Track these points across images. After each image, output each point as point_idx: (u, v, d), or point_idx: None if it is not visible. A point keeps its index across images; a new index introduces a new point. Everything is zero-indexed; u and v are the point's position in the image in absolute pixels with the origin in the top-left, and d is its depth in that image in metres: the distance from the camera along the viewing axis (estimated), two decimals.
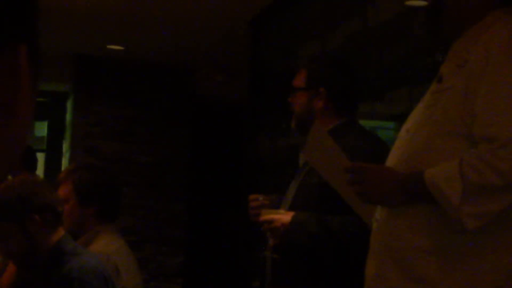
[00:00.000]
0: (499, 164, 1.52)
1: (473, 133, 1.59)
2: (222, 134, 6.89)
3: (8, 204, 2.25)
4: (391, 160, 1.80)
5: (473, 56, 1.65)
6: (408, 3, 3.40)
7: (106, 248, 2.63)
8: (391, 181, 1.69)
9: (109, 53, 5.75)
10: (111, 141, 5.95)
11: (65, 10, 4.62)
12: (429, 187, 1.59)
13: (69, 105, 6.32)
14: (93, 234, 2.69)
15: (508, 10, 1.74)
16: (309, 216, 2.34)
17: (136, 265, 2.80)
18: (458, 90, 1.64)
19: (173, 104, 6.11)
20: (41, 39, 0.60)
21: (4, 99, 0.55)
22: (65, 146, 6.33)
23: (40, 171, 6.20)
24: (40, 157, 6.40)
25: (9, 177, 2.38)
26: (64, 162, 6.24)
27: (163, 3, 4.52)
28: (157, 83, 6.08)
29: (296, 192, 2.46)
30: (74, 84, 6.02)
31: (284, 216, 2.38)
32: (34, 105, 0.58)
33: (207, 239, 6.72)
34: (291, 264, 2.42)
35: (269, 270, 2.48)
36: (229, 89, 6.34)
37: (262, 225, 2.43)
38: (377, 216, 1.76)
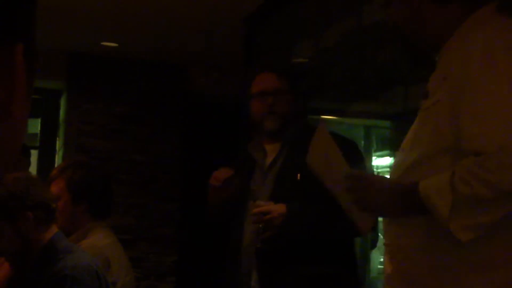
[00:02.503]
0: (487, 176, 1.50)
1: (461, 148, 1.58)
2: (217, 132, 6.87)
3: (1, 201, 2.24)
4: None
5: (453, 66, 1.63)
6: None
7: (98, 242, 2.64)
8: (388, 191, 1.68)
9: (103, 50, 5.73)
10: (104, 139, 5.93)
11: (58, 7, 4.60)
12: (422, 199, 1.58)
13: (62, 102, 6.29)
14: (85, 231, 2.69)
15: (487, 10, 1.70)
16: (304, 207, 2.46)
17: (128, 262, 2.80)
18: (444, 105, 1.62)
19: (167, 102, 6.09)
20: (36, 37, 0.59)
21: (0, 98, 0.54)
22: (58, 143, 6.30)
23: (33, 168, 6.18)
24: (33, 154, 6.37)
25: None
26: (57, 160, 6.21)
27: (158, 0, 4.51)
28: (151, 81, 6.06)
29: (275, 186, 2.57)
30: (68, 81, 6.00)
31: (278, 207, 2.46)
32: (30, 104, 0.57)
33: (200, 238, 6.71)
34: (284, 254, 2.48)
35: (255, 261, 2.53)
36: (224, 87, 6.33)
37: (254, 217, 2.49)
38: (386, 241, 1.76)
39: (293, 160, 2.55)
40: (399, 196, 1.66)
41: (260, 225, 2.49)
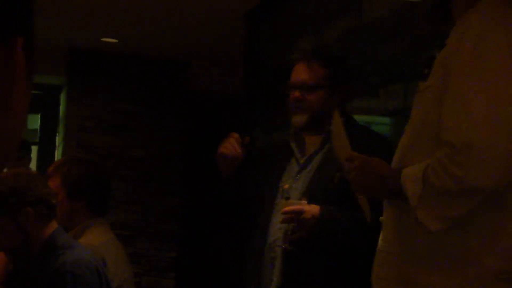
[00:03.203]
0: (455, 170, 1.54)
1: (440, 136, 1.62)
2: (217, 129, 6.87)
3: (1, 197, 2.24)
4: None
5: (448, 55, 1.66)
6: None
7: (93, 240, 2.62)
8: (375, 174, 1.74)
9: (103, 46, 5.73)
10: (105, 135, 5.93)
11: (59, 2, 4.59)
12: (401, 185, 1.63)
13: (62, 98, 6.30)
14: (83, 228, 2.69)
15: None
16: (340, 212, 2.31)
17: (126, 260, 2.79)
18: (435, 91, 1.65)
19: (167, 97, 6.09)
20: (36, 31, 0.60)
21: None
22: (58, 139, 6.31)
23: (32, 163, 6.18)
24: (33, 150, 6.38)
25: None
26: (57, 155, 6.22)
27: None
28: (151, 77, 6.06)
29: (310, 184, 2.41)
30: (68, 77, 6.00)
31: (312, 208, 2.31)
32: (29, 98, 0.58)
33: (201, 234, 6.72)
34: (311, 257, 2.34)
35: (281, 263, 2.38)
36: (224, 83, 6.33)
37: (285, 216, 2.32)
38: (383, 217, 1.80)
39: (333, 158, 2.33)
40: (385, 180, 1.71)
41: (290, 225, 2.33)
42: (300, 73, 2.52)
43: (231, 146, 2.56)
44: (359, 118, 4.02)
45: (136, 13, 4.85)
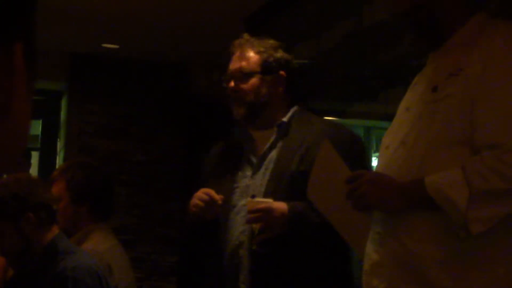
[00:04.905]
0: (505, 169, 1.55)
1: (474, 141, 1.62)
2: (218, 133, 6.87)
3: (3, 202, 2.25)
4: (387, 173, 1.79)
5: (468, 64, 1.67)
6: None
7: (98, 246, 2.63)
8: (390, 186, 1.71)
9: (104, 52, 5.74)
10: (106, 140, 5.93)
11: (60, 8, 4.60)
12: (431, 193, 1.61)
13: (63, 103, 6.30)
14: (86, 233, 2.69)
15: (490, 12, 1.77)
16: (306, 206, 2.13)
17: (129, 264, 2.80)
18: (456, 99, 1.66)
19: (168, 102, 6.09)
20: (37, 37, 0.60)
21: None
22: (59, 144, 6.31)
23: (34, 169, 6.18)
24: (34, 155, 6.38)
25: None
26: (59, 161, 6.22)
27: (158, 1, 4.51)
28: (152, 82, 6.07)
29: (270, 182, 2.24)
30: (69, 82, 6.00)
31: (280, 206, 2.15)
32: (30, 104, 0.58)
33: (202, 238, 6.70)
34: (281, 257, 2.19)
35: (248, 265, 2.22)
36: (225, 87, 6.33)
37: (252, 216, 2.16)
38: (378, 229, 1.77)
39: (289, 151, 2.22)
40: (402, 191, 1.69)
41: (257, 225, 2.17)
42: (234, 61, 2.38)
43: (209, 208, 2.33)
44: (358, 122, 4.04)
45: (137, 18, 4.86)
